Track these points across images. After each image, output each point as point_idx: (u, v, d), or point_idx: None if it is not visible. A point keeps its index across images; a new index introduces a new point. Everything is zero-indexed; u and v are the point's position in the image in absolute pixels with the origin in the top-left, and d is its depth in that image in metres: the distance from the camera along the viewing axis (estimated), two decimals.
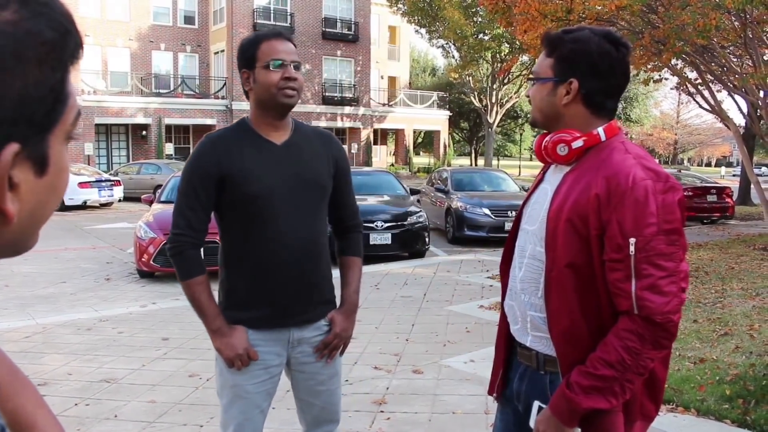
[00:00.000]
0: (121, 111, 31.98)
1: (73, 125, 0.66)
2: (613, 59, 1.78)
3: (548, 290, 1.77)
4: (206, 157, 2.32)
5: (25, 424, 0.72)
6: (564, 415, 1.70)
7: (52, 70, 0.62)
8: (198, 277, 2.30)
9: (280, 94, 2.28)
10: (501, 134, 59.47)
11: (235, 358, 2.29)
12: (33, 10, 0.61)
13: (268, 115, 2.34)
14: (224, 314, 2.34)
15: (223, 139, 2.36)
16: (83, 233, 15.00)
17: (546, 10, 12.00)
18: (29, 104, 0.60)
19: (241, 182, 2.28)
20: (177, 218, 2.33)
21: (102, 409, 4.45)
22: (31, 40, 0.60)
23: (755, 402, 4.27)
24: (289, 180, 2.33)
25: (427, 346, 5.90)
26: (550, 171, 1.94)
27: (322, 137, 2.50)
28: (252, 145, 2.34)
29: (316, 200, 2.40)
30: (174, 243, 2.32)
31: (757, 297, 7.59)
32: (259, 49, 2.28)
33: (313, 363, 2.45)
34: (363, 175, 13.90)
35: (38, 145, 0.63)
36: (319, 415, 2.52)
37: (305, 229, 2.36)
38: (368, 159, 38.81)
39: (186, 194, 2.32)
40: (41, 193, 0.65)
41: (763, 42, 12.11)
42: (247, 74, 2.31)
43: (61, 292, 8.55)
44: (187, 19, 36.22)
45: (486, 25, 33.65)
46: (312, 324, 2.43)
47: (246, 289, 2.36)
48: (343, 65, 38.73)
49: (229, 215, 2.35)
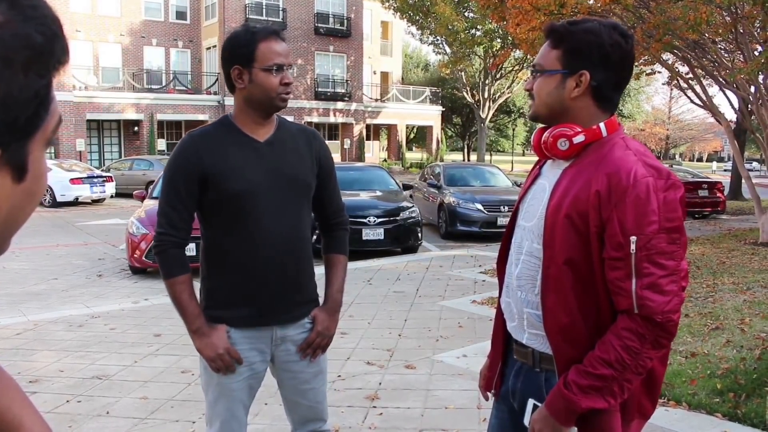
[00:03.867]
0: (113, 107, 31.85)
1: (54, 132, 0.65)
2: (624, 51, 1.74)
3: (545, 287, 1.74)
4: (188, 154, 2.29)
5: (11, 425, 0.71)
6: (561, 414, 1.68)
7: (38, 76, 0.60)
8: (179, 277, 2.28)
9: (278, 99, 2.27)
10: (493, 129, 59.48)
11: (216, 358, 2.28)
12: (22, 13, 0.59)
13: (256, 114, 2.32)
14: (206, 313, 2.32)
15: (206, 137, 2.33)
16: (75, 229, 14.93)
17: (539, 4, 12.00)
18: (12, 109, 0.59)
19: (223, 180, 2.26)
20: (160, 217, 2.31)
21: (94, 405, 4.44)
22: (19, 44, 0.58)
23: (746, 396, 4.29)
24: (271, 177, 2.32)
25: (419, 341, 5.91)
26: (547, 166, 1.90)
27: (305, 134, 2.48)
28: (235, 142, 2.32)
29: (298, 198, 2.39)
30: (157, 242, 2.31)
31: (748, 291, 7.63)
32: (258, 48, 2.23)
33: (298, 362, 2.44)
34: (355, 171, 13.88)
35: (18, 151, 0.61)
36: (306, 414, 2.52)
37: (288, 226, 2.35)
38: (361, 154, 38.77)
39: (168, 193, 2.30)
40: (18, 199, 0.64)
41: (753, 37, 12.15)
42: (241, 71, 2.26)
43: (53, 288, 8.51)
44: (178, 15, 36.06)
45: (477, 20, 33.66)
46: (295, 322, 2.42)
47: (228, 288, 2.34)
48: (335, 61, 38.64)
49: (211, 213, 2.33)
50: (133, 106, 32.34)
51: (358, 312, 6.95)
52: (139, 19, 34.81)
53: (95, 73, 33.05)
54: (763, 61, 10.54)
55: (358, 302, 7.42)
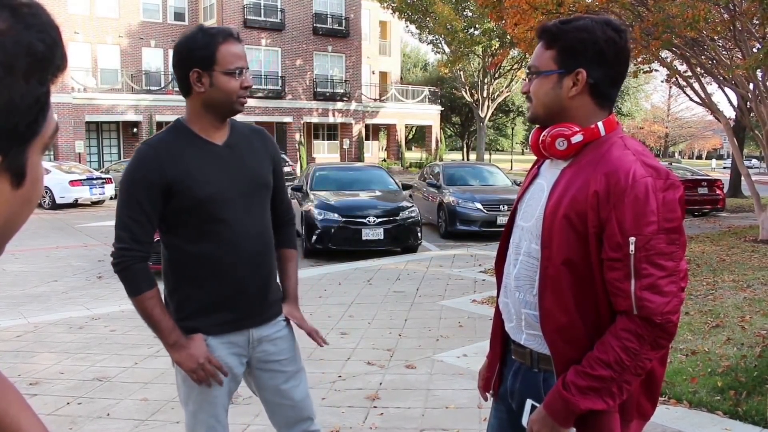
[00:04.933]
0: (112, 108, 31.85)
1: (51, 138, 0.65)
2: (618, 46, 1.73)
3: (543, 288, 1.73)
4: (148, 165, 2.21)
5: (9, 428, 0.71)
6: (559, 415, 1.67)
7: (38, 83, 0.61)
8: (148, 292, 2.20)
9: (238, 102, 2.25)
10: (492, 128, 59.49)
11: (197, 368, 2.23)
12: (23, 20, 0.60)
13: (213, 117, 2.28)
14: (179, 325, 2.25)
15: (163, 144, 2.27)
16: (74, 231, 14.93)
17: (536, 3, 12.00)
18: (14, 116, 0.59)
19: (189, 187, 2.21)
20: (120, 232, 2.21)
21: (94, 407, 4.44)
22: (21, 51, 0.59)
23: (746, 393, 4.29)
24: (236, 180, 2.29)
25: (420, 341, 5.91)
26: (546, 165, 1.88)
27: (259, 135, 2.46)
28: (193, 147, 2.27)
29: (262, 198, 2.38)
30: (119, 259, 2.21)
31: (748, 289, 7.63)
32: (219, 51, 2.18)
33: (276, 361, 2.42)
34: (355, 171, 13.90)
35: (17, 157, 0.62)
36: (292, 414, 2.47)
37: (257, 227, 2.34)
38: (360, 154, 38.77)
39: (128, 206, 2.21)
40: (16, 205, 0.64)
41: (751, 34, 12.15)
42: (200, 74, 2.20)
43: (53, 290, 8.51)
44: (177, 16, 36.04)
45: (476, 19, 33.66)
46: (269, 322, 2.42)
47: (201, 296, 2.29)
48: (334, 61, 38.65)
49: (176, 222, 2.26)
50: (132, 108, 32.34)
51: (358, 312, 6.95)
52: (138, 20, 34.80)
53: (94, 75, 33.04)
54: (761, 58, 10.54)
55: (358, 302, 7.42)
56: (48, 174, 19.16)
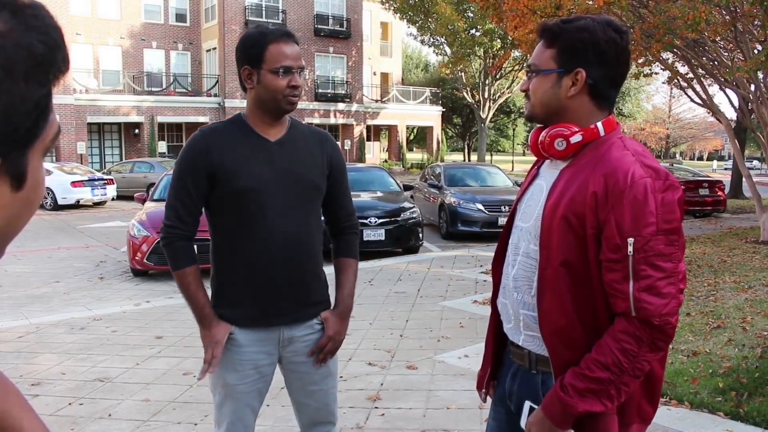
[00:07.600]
0: (114, 109, 31.90)
1: (53, 141, 0.65)
2: (619, 47, 1.72)
3: (541, 289, 1.72)
4: (198, 149, 2.30)
5: (11, 429, 0.72)
6: (557, 417, 1.67)
7: (38, 85, 0.60)
8: (187, 269, 2.30)
9: (285, 101, 2.27)
10: (494, 129, 59.44)
11: (208, 346, 2.30)
12: (24, 22, 0.59)
13: (265, 115, 2.33)
14: (214, 311, 2.33)
15: (216, 133, 2.33)
16: (76, 232, 14.94)
17: (535, 6, 11.99)
18: (13, 119, 0.59)
19: (231, 176, 2.27)
20: (168, 210, 2.33)
21: (96, 408, 4.45)
22: (21, 53, 0.58)
23: (748, 394, 4.29)
24: (280, 177, 2.31)
25: (421, 341, 5.91)
26: (545, 166, 1.87)
27: (317, 136, 2.47)
28: (245, 140, 2.32)
29: (307, 198, 2.38)
30: (165, 235, 2.32)
31: (749, 290, 7.63)
32: (267, 50, 2.23)
33: (306, 362, 2.43)
34: (356, 172, 13.88)
35: (17, 161, 0.61)
36: (315, 415, 2.50)
37: (295, 227, 2.34)
38: (361, 155, 38.79)
39: (177, 187, 2.32)
40: (16, 208, 0.64)
41: (753, 35, 12.15)
42: (250, 72, 2.27)
43: (55, 291, 8.52)
44: (178, 17, 36.07)
45: (477, 20, 33.65)
46: (302, 323, 2.41)
47: (235, 287, 2.34)
48: (335, 62, 38.66)
49: (219, 210, 2.33)
50: (134, 109, 32.38)
51: (360, 313, 6.96)
52: (139, 21, 34.83)
53: (95, 76, 33.07)
54: (762, 59, 10.53)
55: (360, 303, 7.42)
56: (50, 175, 19.16)
